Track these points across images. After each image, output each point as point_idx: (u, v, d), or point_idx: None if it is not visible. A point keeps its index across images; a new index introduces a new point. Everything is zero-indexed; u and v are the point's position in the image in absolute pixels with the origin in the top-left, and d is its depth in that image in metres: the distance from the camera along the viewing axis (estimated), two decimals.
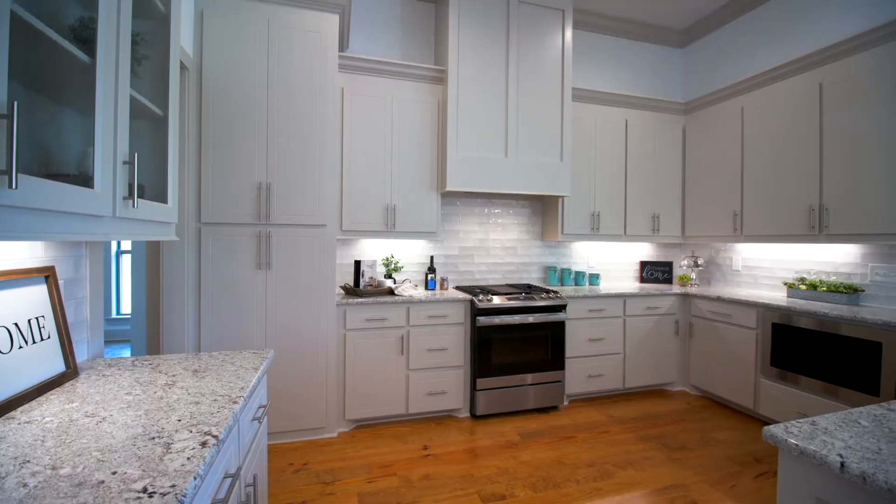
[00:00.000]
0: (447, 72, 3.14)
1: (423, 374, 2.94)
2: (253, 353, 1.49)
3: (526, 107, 3.31)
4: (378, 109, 3.10)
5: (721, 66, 3.95)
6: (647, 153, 3.86)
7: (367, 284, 3.07)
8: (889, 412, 0.98)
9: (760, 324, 2.96)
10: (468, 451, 2.58)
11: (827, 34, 3.07)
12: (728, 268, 3.85)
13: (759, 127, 3.26)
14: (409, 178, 3.17)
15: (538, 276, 3.92)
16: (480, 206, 3.73)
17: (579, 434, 2.81)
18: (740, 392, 3.11)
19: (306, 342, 2.67)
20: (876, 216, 2.54)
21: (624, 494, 2.14)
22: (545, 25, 3.35)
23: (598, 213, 3.71)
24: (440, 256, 3.60)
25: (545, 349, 3.16)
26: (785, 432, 0.88)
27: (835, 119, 2.77)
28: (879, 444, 0.83)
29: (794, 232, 3.00)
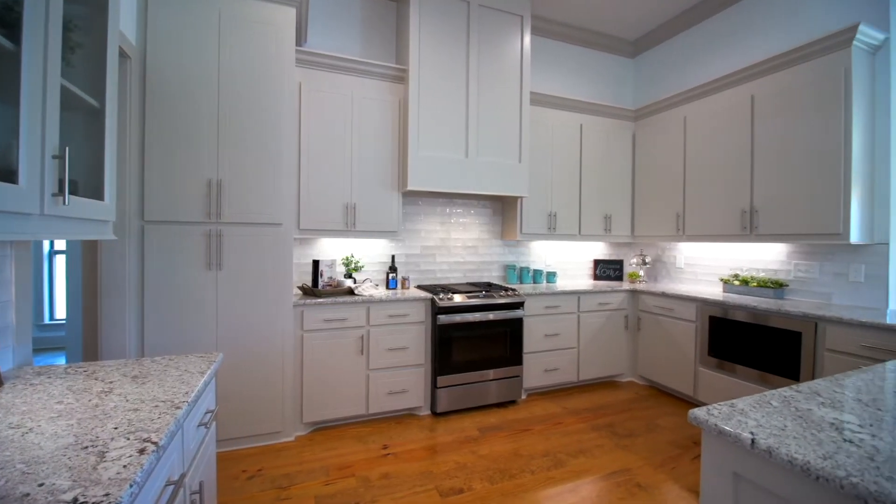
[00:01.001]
0: (408, 71, 3.14)
1: (384, 374, 2.94)
2: (199, 357, 1.44)
3: (486, 109, 3.37)
4: (338, 106, 3.05)
5: (667, 76, 4.20)
6: (600, 157, 4.04)
7: (325, 284, 3.03)
8: (797, 393, 1.10)
9: (699, 317, 3.19)
10: (428, 448, 2.60)
11: (759, 50, 3.34)
12: (672, 265, 4.10)
13: (700, 135, 3.50)
14: (369, 177, 3.15)
15: (498, 275, 4.00)
16: (442, 206, 3.77)
17: (535, 426, 2.91)
18: (682, 381, 3.33)
19: (261, 344, 2.59)
20: (798, 218, 2.80)
21: (575, 481, 2.24)
22: (505, 30, 3.43)
23: (555, 214, 3.84)
24: (402, 256, 3.60)
25: (504, 345, 3.24)
26: (707, 414, 0.96)
27: (764, 129, 3.02)
28: (785, 421, 0.93)
29: (729, 232, 3.24)
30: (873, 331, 2.23)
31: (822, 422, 0.93)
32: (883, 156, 2.66)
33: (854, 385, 1.17)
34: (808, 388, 1.14)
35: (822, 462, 0.76)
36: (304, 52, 2.91)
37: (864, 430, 0.89)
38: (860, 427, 0.91)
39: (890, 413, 0.99)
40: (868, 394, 1.11)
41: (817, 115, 2.71)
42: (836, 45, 2.63)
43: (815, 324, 2.48)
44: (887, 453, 0.80)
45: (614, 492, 2.16)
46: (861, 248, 2.74)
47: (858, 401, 1.06)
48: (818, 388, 1.15)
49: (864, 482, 0.70)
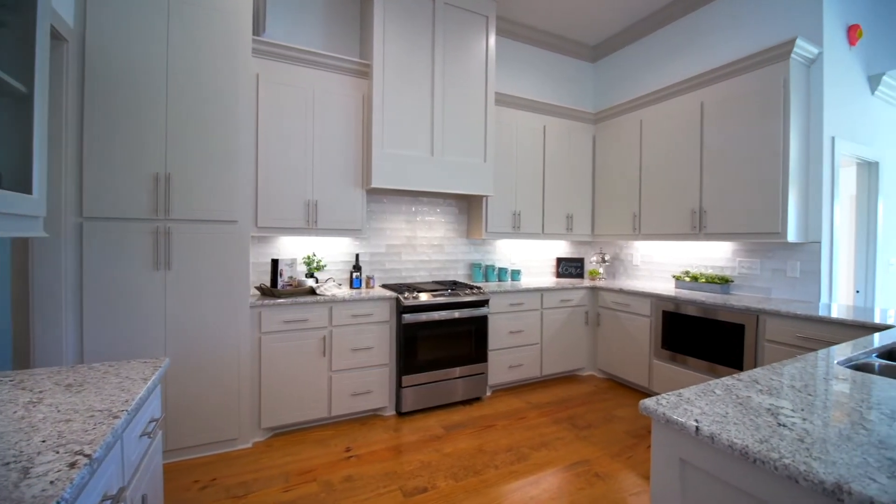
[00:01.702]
0: (372, 66, 3.09)
1: (347, 375, 2.88)
2: (143, 363, 1.35)
3: (451, 108, 3.37)
4: (298, 100, 2.96)
5: (625, 81, 4.36)
6: (562, 158, 4.14)
7: (285, 284, 2.93)
8: (738, 382, 1.17)
9: (654, 312, 3.33)
10: (392, 448, 2.58)
11: (710, 59, 3.52)
12: (629, 263, 4.27)
13: (654, 138, 3.66)
14: (332, 174, 3.08)
15: (464, 273, 4.02)
16: (408, 204, 3.74)
17: (499, 422, 2.95)
18: (638, 373, 3.47)
19: (215, 348, 2.47)
20: (741, 218, 2.99)
21: (537, 474, 2.29)
22: (470, 30, 3.44)
23: (520, 213, 3.90)
24: (366, 254, 3.54)
25: (469, 343, 3.26)
26: (656, 404, 1.01)
27: (712, 134, 3.19)
28: (727, 408, 0.99)
29: (680, 231, 3.41)
30: (807, 322, 2.41)
31: (759, 408, 0.99)
32: (816, 161, 2.88)
33: (789, 373, 1.26)
34: (748, 377, 1.21)
35: (758, 446, 0.81)
36: (262, 43, 2.80)
37: (797, 415, 0.96)
38: (793, 412, 0.97)
39: (819, 398, 1.06)
40: (801, 380, 1.19)
41: (759, 122, 2.90)
42: (776, 56, 2.82)
43: (756, 317, 2.65)
44: (816, 435, 0.86)
45: (574, 482, 2.22)
46: (797, 246, 2.95)
47: (792, 387, 1.13)
48: (757, 376, 1.22)
49: (794, 463, 0.75)
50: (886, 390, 1.12)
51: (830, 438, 0.84)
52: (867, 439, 0.84)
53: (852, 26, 3.03)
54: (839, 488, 0.69)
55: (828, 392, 1.11)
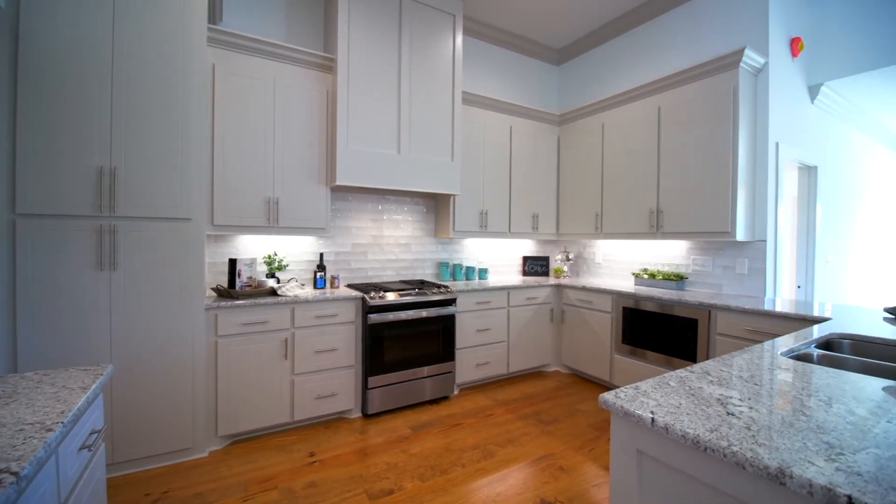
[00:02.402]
0: (336, 61, 3.02)
1: (311, 378, 2.80)
2: (83, 370, 1.26)
3: (418, 105, 3.34)
4: (258, 93, 2.85)
5: (589, 84, 4.48)
6: (528, 158, 4.20)
7: (244, 285, 2.81)
8: (690, 374, 1.22)
9: (614, 308, 3.45)
10: (358, 451, 2.53)
11: (668, 65, 3.68)
12: (592, 261, 4.40)
13: (616, 141, 3.78)
14: (294, 170, 2.98)
15: (432, 272, 4.01)
16: (374, 203, 3.68)
17: (467, 420, 2.96)
18: (600, 367, 3.58)
19: (167, 353, 2.34)
20: (694, 218, 3.14)
21: (503, 470, 2.31)
22: (437, 27, 3.42)
23: (487, 212, 3.93)
24: (331, 254, 3.46)
25: (437, 342, 3.25)
26: (615, 397, 1.03)
27: (668, 137, 3.33)
28: (680, 400, 1.02)
29: (639, 230, 3.55)
30: (754, 316, 2.56)
31: (710, 398, 1.04)
32: (762, 165, 3.07)
33: (737, 364, 1.33)
34: (700, 369, 1.27)
35: (709, 434, 0.84)
36: (218, 31, 2.67)
37: (744, 404, 1.00)
38: (741, 401, 1.02)
39: (765, 387, 1.13)
40: (748, 371, 1.26)
41: (711, 127, 3.05)
42: (726, 65, 2.98)
43: (708, 311, 2.79)
44: (761, 423, 0.90)
45: (539, 476, 2.26)
46: (745, 244, 3.13)
47: (740, 378, 1.19)
48: (708, 368, 1.28)
49: (742, 450, 0.79)
50: (824, 378, 1.20)
51: (774, 425, 0.89)
52: (807, 425, 0.89)
53: (795, 39, 3.24)
54: (782, 472, 0.73)
55: (772, 381, 1.17)
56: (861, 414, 0.95)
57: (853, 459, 0.75)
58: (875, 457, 0.76)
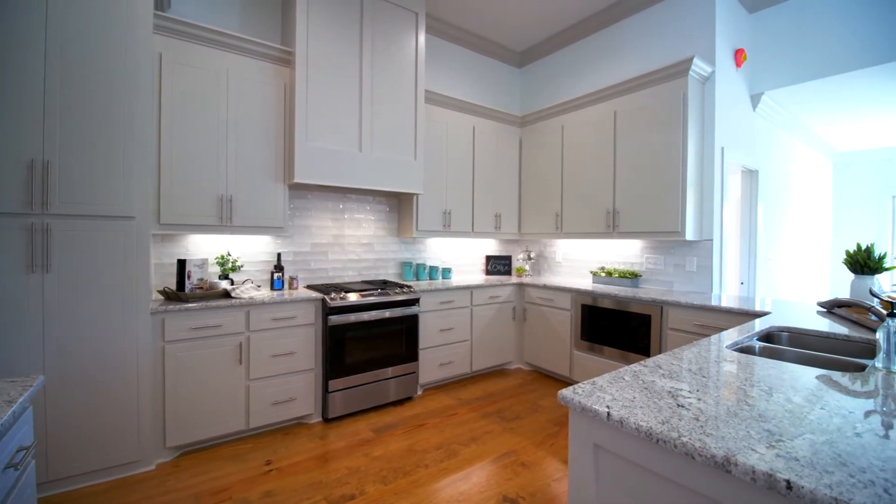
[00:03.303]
0: (295, 55, 2.91)
1: (268, 383, 2.69)
2: (9, 382, 1.14)
3: (381, 103, 3.29)
4: (210, 85, 2.70)
5: (549, 87, 4.58)
6: (491, 158, 4.24)
7: (194, 287, 2.66)
8: (644, 368, 1.26)
9: (573, 306, 3.55)
10: (318, 457, 2.46)
11: (624, 71, 3.82)
12: (553, 260, 4.51)
13: (575, 143, 3.89)
14: (249, 166, 2.85)
15: (395, 272, 3.96)
16: (335, 201, 3.59)
17: (430, 420, 2.94)
18: (560, 364, 3.67)
19: (108, 361, 2.17)
20: (648, 218, 3.28)
21: (467, 469, 2.32)
22: (399, 25, 3.38)
23: (450, 212, 3.93)
24: (289, 254, 3.34)
25: (400, 343, 3.21)
26: (573, 393, 1.05)
27: (623, 141, 3.46)
28: (634, 393, 1.06)
29: (596, 230, 3.67)
30: (702, 311, 2.70)
31: (662, 391, 1.07)
32: (709, 168, 3.25)
33: (687, 357, 1.39)
34: (653, 363, 1.31)
35: (660, 426, 0.87)
36: (166, 19, 2.51)
37: (693, 395, 1.05)
38: (690, 393, 1.07)
39: (712, 379, 1.18)
40: (696, 364, 1.32)
41: (662, 132, 3.20)
42: (677, 73, 3.13)
43: (661, 307, 2.93)
44: (709, 413, 0.95)
45: (501, 473, 2.28)
46: (694, 243, 3.31)
47: (689, 370, 1.25)
48: (660, 362, 1.33)
49: (691, 440, 0.82)
50: (765, 369, 1.27)
51: (720, 415, 0.93)
52: (749, 414, 0.94)
53: (739, 50, 3.46)
54: (727, 460, 0.76)
55: (718, 373, 1.24)
56: (798, 402, 1.01)
57: (791, 445, 0.80)
58: (811, 442, 0.81)
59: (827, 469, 0.72)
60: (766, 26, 3.58)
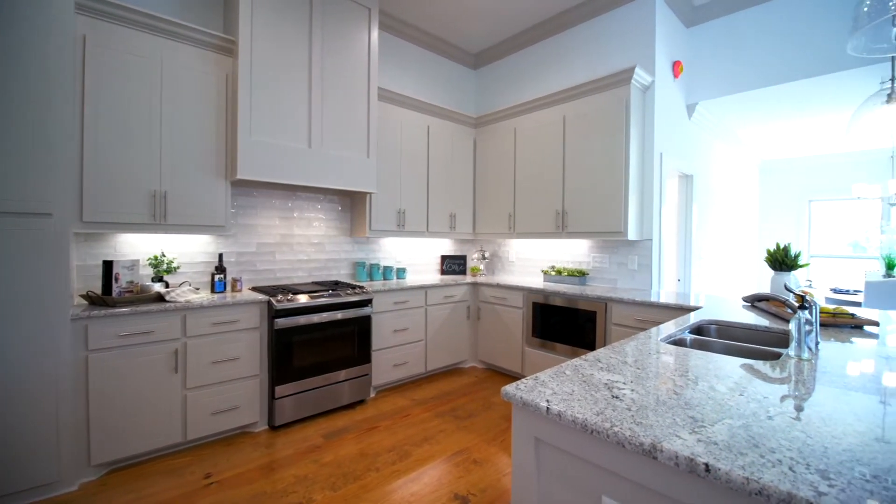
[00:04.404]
0: (238, 44, 2.76)
1: (207, 392, 2.53)
2: None
3: (332, 98, 3.20)
4: (142, 72, 2.50)
5: (503, 90, 4.66)
6: (445, 158, 4.25)
7: (123, 290, 2.46)
8: (584, 362, 1.30)
9: (525, 303, 3.63)
10: (264, 466, 2.34)
11: (573, 77, 3.96)
12: (506, 259, 4.59)
13: (527, 145, 3.98)
14: (187, 161, 2.67)
15: (347, 273, 3.87)
16: (283, 199, 3.45)
17: (383, 422, 2.89)
18: (512, 361, 3.75)
19: (20, 373, 1.95)
20: (594, 219, 3.42)
21: (419, 470, 2.30)
22: (352, 19, 3.30)
23: (404, 211, 3.89)
24: (232, 254, 3.17)
25: (351, 345, 3.14)
26: (515, 389, 1.06)
27: (572, 144, 3.59)
28: (573, 387, 1.09)
29: (547, 230, 3.77)
30: (642, 307, 2.85)
31: (599, 384, 1.11)
32: (649, 172, 3.43)
33: (625, 351, 1.45)
34: (593, 357, 1.36)
35: (595, 418, 0.90)
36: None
37: (627, 387, 1.09)
38: (625, 384, 1.11)
39: (645, 371, 1.24)
40: (632, 356, 1.38)
41: (607, 136, 3.35)
42: (620, 81, 3.28)
43: (605, 304, 3.06)
44: (640, 403, 0.99)
45: (453, 472, 2.28)
46: (635, 243, 3.49)
47: (625, 363, 1.31)
48: (600, 355, 1.38)
49: (622, 429, 0.85)
50: (693, 360, 1.35)
51: (650, 405, 0.98)
52: (677, 402, 1.00)
53: (676, 62, 3.68)
54: (654, 447, 0.79)
55: (652, 365, 1.30)
56: (721, 390, 1.08)
57: (712, 430, 0.85)
58: (729, 427, 0.87)
59: (741, 451, 0.77)
60: (701, 41, 3.85)
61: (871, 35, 1.45)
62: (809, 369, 1.25)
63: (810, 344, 1.40)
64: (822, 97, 3.85)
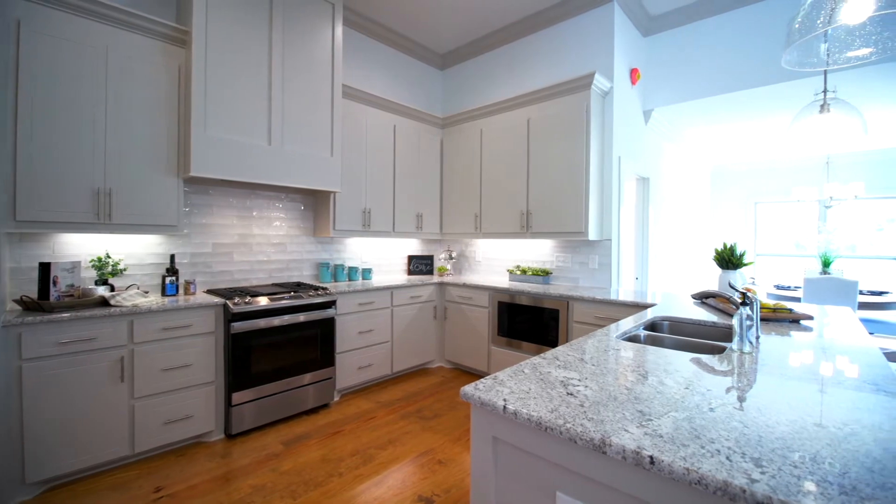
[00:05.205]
0: (192, 34, 2.64)
1: (158, 401, 2.40)
2: None
3: (294, 94, 3.11)
4: (85, 61, 2.34)
5: (470, 91, 4.69)
6: (412, 158, 4.22)
7: (63, 295, 2.29)
8: (543, 360, 1.33)
9: (491, 303, 3.67)
10: (219, 477, 2.24)
11: (537, 80, 4.03)
12: (473, 259, 4.62)
13: (493, 146, 4.02)
14: (135, 157, 2.52)
15: (311, 274, 3.77)
16: (241, 198, 3.32)
17: (347, 426, 2.84)
18: (479, 360, 3.78)
19: None
20: (557, 219, 3.50)
21: (383, 473, 2.27)
22: (314, 14, 3.22)
23: (370, 211, 3.84)
24: (186, 255, 3.02)
25: (314, 348, 3.06)
26: (473, 389, 1.07)
27: (536, 146, 3.66)
28: (531, 385, 1.10)
29: (512, 230, 3.83)
30: (601, 304, 2.94)
31: (555, 381, 1.13)
32: (608, 175, 3.55)
33: (582, 348, 1.49)
34: (551, 355, 1.39)
35: (549, 415, 0.92)
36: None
37: (582, 383, 1.12)
38: (579, 381, 1.14)
39: (600, 367, 1.28)
40: (589, 353, 1.42)
41: (569, 139, 3.43)
42: (581, 86, 3.38)
43: (567, 302, 3.14)
44: (593, 399, 1.01)
45: (418, 473, 2.27)
46: (596, 243, 3.60)
47: (581, 360, 1.34)
48: (558, 353, 1.41)
49: (574, 426, 0.87)
50: (645, 355, 1.40)
51: (602, 400, 1.01)
52: (627, 397, 1.03)
53: (633, 69, 3.82)
54: (603, 442, 0.82)
55: (606, 361, 1.34)
56: (668, 384, 1.13)
57: (658, 424, 0.88)
58: (673, 419, 0.91)
59: (684, 443, 0.80)
60: (657, 50, 4.01)
61: (802, 50, 1.55)
62: (750, 362, 1.33)
63: (751, 338, 1.48)
64: (765, 106, 4.11)
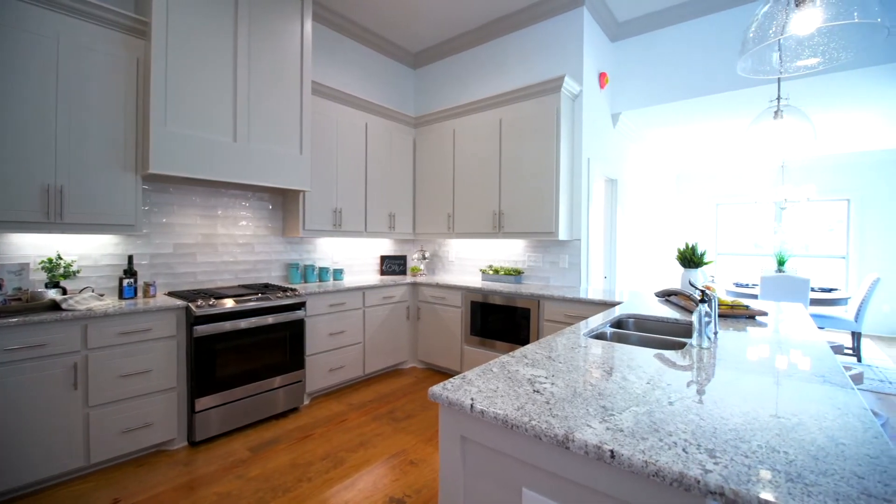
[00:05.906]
0: (151, 25, 2.52)
1: (115, 409, 2.28)
2: None
3: (260, 90, 3.02)
4: (36, 52, 2.20)
5: (443, 91, 4.69)
6: (384, 157, 4.19)
7: (9, 298, 2.14)
8: (511, 358, 1.34)
9: (464, 302, 3.68)
10: (181, 486, 2.15)
11: (508, 82, 4.07)
12: (446, 259, 4.63)
13: (465, 147, 4.04)
14: (89, 153, 2.39)
15: (280, 275, 3.68)
16: (204, 196, 3.20)
17: (317, 430, 2.79)
18: (452, 360, 3.78)
19: None
20: (528, 220, 3.55)
21: (354, 476, 2.24)
22: (282, 8, 3.14)
23: (341, 210, 3.78)
24: (145, 256, 2.88)
25: (283, 351, 2.99)
26: (441, 389, 1.07)
27: (507, 147, 3.70)
28: (498, 383, 1.11)
29: (485, 230, 3.86)
30: (571, 303, 3.01)
31: (523, 379, 1.15)
32: (577, 176, 3.63)
33: (550, 345, 1.52)
34: (520, 353, 1.41)
35: (515, 413, 0.93)
36: None
37: (548, 381, 1.14)
38: (546, 378, 1.16)
39: (567, 364, 1.30)
40: (556, 351, 1.44)
41: (540, 140, 3.49)
42: (551, 89, 3.44)
43: (538, 301, 3.19)
44: (559, 396, 1.03)
45: (390, 475, 2.25)
46: (566, 242, 3.67)
47: (549, 358, 1.36)
48: (527, 351, 1.43)
49: (539, 423, 0.88)
50: (610, 352, 1.44)
51: (567, 397, 1.02)
52: (591, 393, 1.05)
53: (602, 73, 3.92)
54: (567, 438, 0.83)
55: (573, 359, 1.37)
56: (631, 379, 1.16)
57: (619, 418, 0.91)
58: (634, 414, 0.93)
59: (643, 436, 0.83)
60: (624, 55, 4.13)
61: (756, 58, 1.64)
62: (708, 357, 1.39)
63: (709, 334, 1.55)
64: (725, 112, 4.30)
